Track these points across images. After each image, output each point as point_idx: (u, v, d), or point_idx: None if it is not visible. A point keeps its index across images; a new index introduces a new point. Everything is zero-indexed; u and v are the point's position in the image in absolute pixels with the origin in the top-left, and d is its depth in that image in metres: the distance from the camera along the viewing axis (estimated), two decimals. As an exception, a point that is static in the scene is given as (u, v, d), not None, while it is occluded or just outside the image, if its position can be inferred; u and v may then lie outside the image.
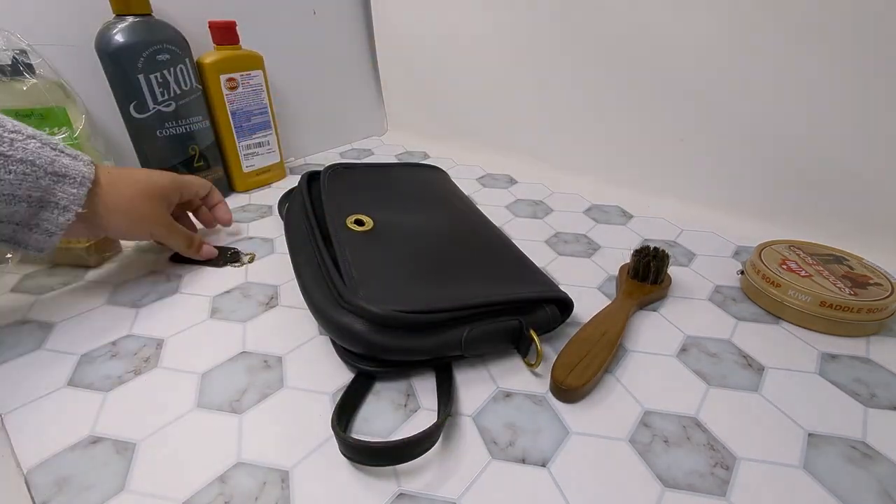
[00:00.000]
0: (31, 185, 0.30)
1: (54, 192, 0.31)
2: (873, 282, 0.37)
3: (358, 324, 0.29)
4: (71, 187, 0.32)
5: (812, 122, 0.46)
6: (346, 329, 0.29)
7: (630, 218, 0.54)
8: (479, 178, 0.66)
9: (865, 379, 0.32)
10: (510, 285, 0.34)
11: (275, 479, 0.25)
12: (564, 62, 0.61)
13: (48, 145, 0.32)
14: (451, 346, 0.30)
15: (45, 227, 0.32)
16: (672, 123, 0.55)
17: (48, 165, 0.31)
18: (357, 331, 0.29)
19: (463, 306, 0.30)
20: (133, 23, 0.46)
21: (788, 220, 0.49)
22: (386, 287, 0.31)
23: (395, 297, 0.29)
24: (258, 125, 0.59)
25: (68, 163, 0.32)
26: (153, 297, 0.39)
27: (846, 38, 0.42)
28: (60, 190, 0.32)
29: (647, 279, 0.39)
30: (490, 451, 0.27)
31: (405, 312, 0.28)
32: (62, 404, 0.29)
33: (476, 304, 0.30)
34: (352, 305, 0.29)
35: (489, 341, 0.31)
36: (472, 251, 0.38)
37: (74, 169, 0.32)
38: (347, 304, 0.29)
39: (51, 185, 0.31)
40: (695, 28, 0.50)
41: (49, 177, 0.31)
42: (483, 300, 0.31)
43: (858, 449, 0.27)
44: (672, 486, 0.25)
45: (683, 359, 0.33)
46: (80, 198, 0.32)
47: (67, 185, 0.32)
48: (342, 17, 0.76)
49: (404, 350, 0.29)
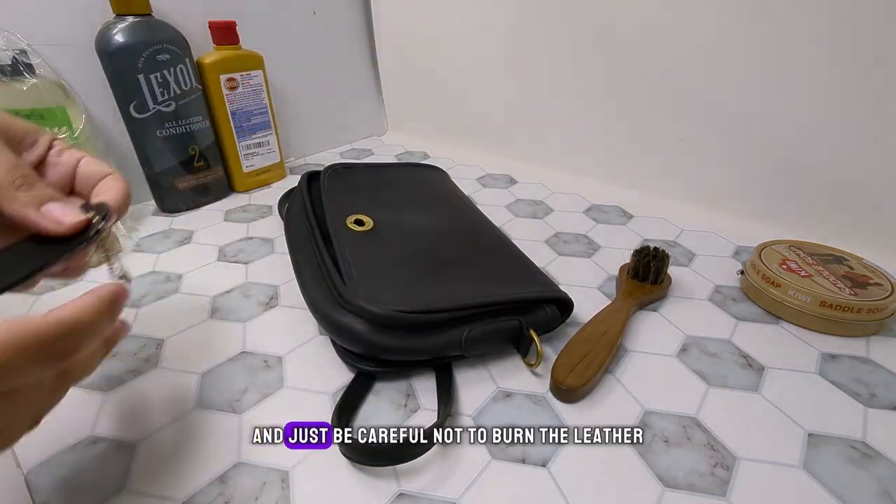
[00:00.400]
0: None
1: None
2: (873, 282, 0.37)
3: (358, 324, 0.29)
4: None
5: (812, 121, 0.46)
6: (346, 329, 0.29)
7: (630, 218, 0.54)
8: (479, 178, 0.66)
9: (865, 379, 0.32)
10: (510, 285, 0.34)
11: (275, 479, 0.25)
12: (565, 62, 0.61)
13: None
14: (451, 346, 0.30)
15: None
16: (672, 123, 0.55)
17: None
18: (357, 331, 0.29)
19: (463, 306, 0.30)
20: (133, 23, 0.46)
21: (788, 220, 0.49)
22: (386, 287, 0.31)
23: (395, 298, 0.29)
24: (258, 125, 0.59)
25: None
26: (153, 297, 0.39)
27: (846, 39, 0.42)
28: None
29: (647, 279, 0.39)
30: (490, 451, 0.27)
31: (405, 312, 0.28)
32: (62, 404, 0.29)
33: (476, 305, 0.30)
34: (352, 305, 0.29)
35: (489, 341, 0.31)
36: (473, 251, 0.38)
37: None
38: (348, 303, 0.29)
39: None
40: (694, 28, 0.50)
41: None
42: (483, 300, 0.31)
43: (858, 449, 0.27)
44: (672, 486, 0.25)
45: (683, 359, 0.33)
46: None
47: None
48: (342, 17, 0.76)
49: (404, 350, 0.29)
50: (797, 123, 0.47)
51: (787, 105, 0.47)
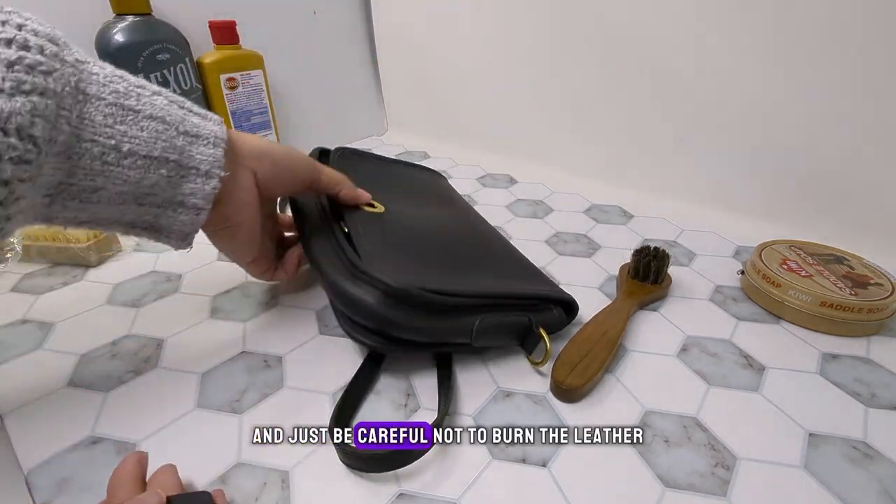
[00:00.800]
0: (167, 144, 0.25)
1: (191, 153, 0.26)
2: (873, 282, 0.37)
3: (371, 295, 0.28)
4: (207, 148, 0.26)
5: (812, 121, 0.46)
6: (359, 300, 0.28)
7: (630, 218, 0.54)
8: (479, 178, 0.66)
9: (866, 379, 0.32)
10: (523, 282, 0.34)
11: (275, 480, 0.25)
12: (564, 62, 0.61)
13: (175, 103, 0.26)
14: (460, 332, 0.30)
15: (191, 203, 0.26)
16: (672, 123, 0.55)
17: (179, 124, 0.25)
18: (369, 303, 0.28)
19: (479, 294, 0.30)
20: (133, 22, 0.46)
21: (788, 220, 0.49)
22: (401, 264, 0.30)
23: (410, 273, 0.29)
24: (258, 125, 0.59)
25: (198, 122, 0.27)
26: (153, 297, 0.39)
27: (846, 39, 0.42)
28: (197, 152, 0.26)
29: (647, 279, 0.39)
30: (490, 451, 0.27)
31: (422, 290, 0.28)
32: (62, 404, 0.29)
33: (492, 294, 0.31)
34: (367, 276, 0.28)
35: (499, 334, 0.31)
36: (482, 247, 0.38)
37: (206, 129, 0.27)
38: (364, 273, 0.28)
39: (186, 147, 0.26)
40: (694, 28, 0.50)
41: (182, 136, 0.26)
42: (500, 291, 0.31)
43: (859, 449, 0.27)
44: (672, 486, 0.25)
45: (684, 358, 0.33)
46: (219, 159, 0.27)
47: (202, 145, 0.26)
48: (342, 17, 0.76)
49: (415, 329, 0.29)
50: (797, 123, 0.47)
51: (788, 105, 0.47)
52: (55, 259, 0.43)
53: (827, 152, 0.46)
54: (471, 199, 0.58)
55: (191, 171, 0.26)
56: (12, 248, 0.41)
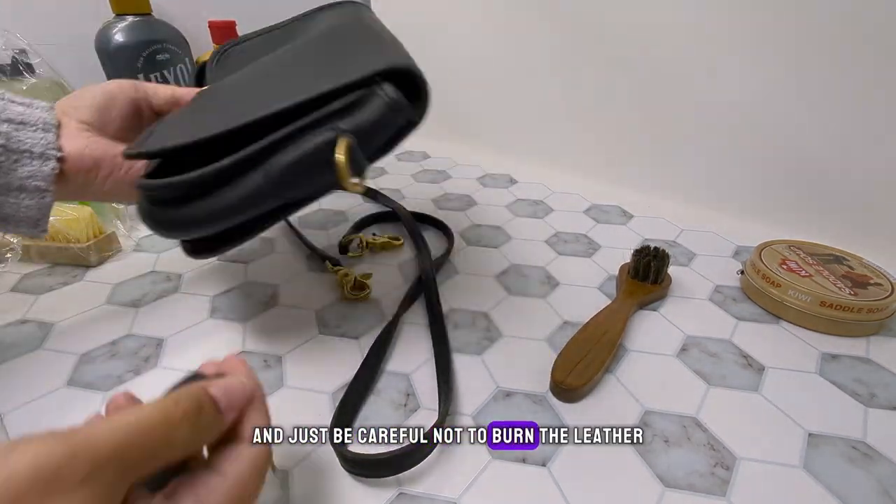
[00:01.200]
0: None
1: (19, 138, 0.26)
2: (873, 282, 0.37)
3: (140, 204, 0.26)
4: (36, 133, 0.27)
5: (813, 121, 0.46)
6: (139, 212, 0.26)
7: (630, 218, 0.54)
8: (479, 178, 0.66)
9: (865, 379, 0.32)
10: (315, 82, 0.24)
11: (275, 479, 0.25)
12: (565, 62, 0.61)
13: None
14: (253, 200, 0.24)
15: (33, 186, 0.27)
16: (672, 123, 0.55)
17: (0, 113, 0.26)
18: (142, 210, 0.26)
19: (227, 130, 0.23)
20: (133, 22, 0.46)
21: (788, 220, 0.49)
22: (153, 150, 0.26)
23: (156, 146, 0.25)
24: (258, 125, 0.59)
25: (22, 110, 0.27)
26: (153, 296, 0.39)
27: (846, 39, 0.42)
28: (26, 136, 0.27)
29: (647, 279, 0.39)
30: (490, 450, 0.27)
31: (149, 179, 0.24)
32: (62, 404, 0.29)
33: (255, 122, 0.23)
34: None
35: (303, 175, 0.24)
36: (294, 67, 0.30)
37: (32, 116, 0.27)
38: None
39: (12, 132, 0.26)
40: (694, 29, 0.50)
41: (6, 124, 0.26)
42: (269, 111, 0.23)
43: (859, 449, 0.27)
44: (672, 486, 0.25)
45: (683, 358, 0.33)
46: (52, 142, 0.27)
47: (30, 131, 0.27)
48: (342, 16, 0.76)
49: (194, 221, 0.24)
50: (797, 123, 0.47)
51: (788, 105, 0.47)
52: (55, 259, 0.43)
53: (827, 152, 0.46)
54: (470, 200, 0.58)
55: (23, 154, 0.26)
56: (12, 248, 0.41)
